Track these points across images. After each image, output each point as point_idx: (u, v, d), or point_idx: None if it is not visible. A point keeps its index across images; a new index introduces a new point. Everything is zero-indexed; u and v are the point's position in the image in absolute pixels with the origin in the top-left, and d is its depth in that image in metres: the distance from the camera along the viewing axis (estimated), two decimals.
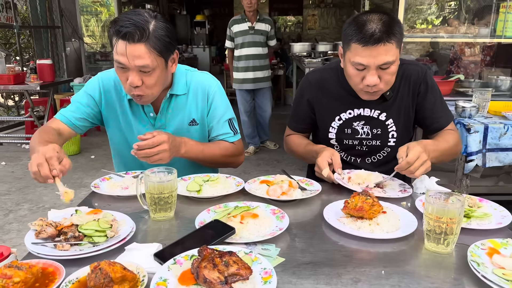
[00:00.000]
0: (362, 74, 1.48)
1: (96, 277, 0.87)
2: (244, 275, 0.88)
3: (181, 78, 1.64)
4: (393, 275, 0.98)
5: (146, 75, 1.41)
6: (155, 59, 1.40)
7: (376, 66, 1.44)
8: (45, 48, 7.19)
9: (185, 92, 1.64)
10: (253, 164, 4.88)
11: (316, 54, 6.07)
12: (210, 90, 1.67)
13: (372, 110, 1.67)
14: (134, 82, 1.40)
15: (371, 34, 1.39)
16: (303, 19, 12.49)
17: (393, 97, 1.65)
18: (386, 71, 1.46)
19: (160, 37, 1.39)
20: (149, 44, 1.36)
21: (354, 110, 1.68)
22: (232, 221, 1.17)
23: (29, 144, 5.55)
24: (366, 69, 1.46)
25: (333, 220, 1.22)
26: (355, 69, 1.48)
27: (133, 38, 1.34)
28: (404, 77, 1.65)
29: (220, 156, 1.66)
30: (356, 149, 1.73)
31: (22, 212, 3.61)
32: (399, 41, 1.45)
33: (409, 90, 1.66)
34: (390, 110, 1.66)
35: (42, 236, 1.09)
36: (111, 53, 8.39)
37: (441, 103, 1.69)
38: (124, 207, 1.36)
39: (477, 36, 3.62)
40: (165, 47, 1.41)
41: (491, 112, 2.70)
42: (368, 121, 1.68)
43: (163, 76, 1.48)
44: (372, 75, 1.45)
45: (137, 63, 1.37)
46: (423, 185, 1.49)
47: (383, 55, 1.41)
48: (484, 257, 1.00)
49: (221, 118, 1.69)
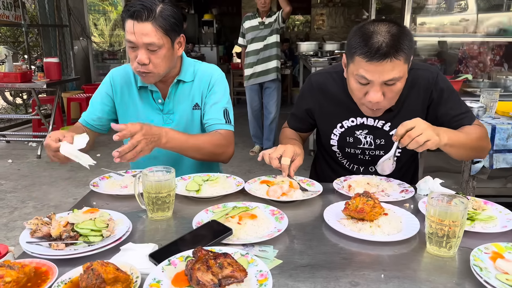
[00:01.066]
0: (365, 89, 1.37)
1: (88, 278, 0.86)
2: (238, 278, 0.86)
3: (189, 67, 1.74)
4: (393, 279, 0.95)
5: (153, 53, 1.51)
6: (161, 37, 1.49)
7: (381, 82, 1.33)
8: (53, 46, 7.24)
9: (191, 80, 1.73)
10: (258, 164, 4.86)
11: (323, 53, 6.04)
12: (213, 77, 1.74)
13: (375, 120, 1.57)
14: (141, 60, 1.50)
15: (377, 49, 1.27)
16: (311, 18, 12.45)
17: (399, 107, 1.54)
18: (391, 87, 1.35)
19: (166, 17, 1.49)
20: (156, 23, 1.47)
21: (357, 118, 1.59)
22: (230, 222, 1.15)
23: (36, 142, 5.58)
24: (370, 84, 1.35)
25: (333, 221, 1.20)
26: (358, 83, 1.37)
27: (140, 17, 1.45)
28: (413, 84, 1.52)
29: (206, 144, 1.60)
30: (359, 158, 1.66)
31: (27, 210, 3.62)
32: (408, 56, 1.32)
33: (418, 97, 1.53)
34: (394, 120, 1.55)
35: (37, 235, 1.08)
36: (119, 51, 8.45)
37: (459, 104, 1.55)
38: (122, 206, 1.34)
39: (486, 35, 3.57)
40: (170, 26, 1.51)
41: (499, 113, 2.65)
42: (371, 130, 1.59)
43: (169, 56, 1.56)
44: (375, 91, 1.34)
45: (144, 41, 1.47)
46: (427, 187, 1.47)
47: (389, 71, 1.30)
48: (487, 262, 0.98)
49: (216, 103, 1.71)
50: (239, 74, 8.00)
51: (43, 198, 3.89)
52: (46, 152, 1.41)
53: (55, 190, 4.09)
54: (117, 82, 1.75)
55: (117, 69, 1.78)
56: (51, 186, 4.19)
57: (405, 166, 1.75)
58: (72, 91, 7.05)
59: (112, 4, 8.57)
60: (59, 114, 5.94)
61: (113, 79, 1.75)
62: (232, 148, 1.72)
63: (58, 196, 3.93)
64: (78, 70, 7.60)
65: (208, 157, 1.65)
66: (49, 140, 1.36)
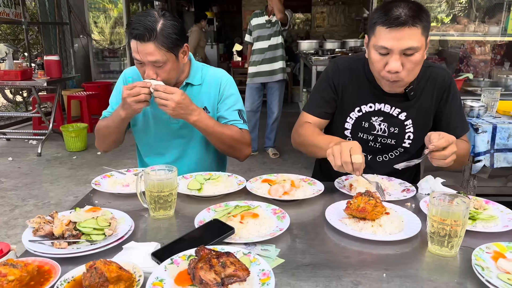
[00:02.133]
0: (385, 59, 1.42)
1: (91, 277, 0.86)
2: (241, 277, 0.86)
3: (198, 71, 1.79)
4: (395, 279, 0.96)
5: (160, 68, 1.57)
6: (165, 54, 1.54)
7: (400, 50, 1.38)
8: (53, 44, 7.23)
9: (200, 83, 1.77)
10: (258, 162, 4.87)
11: (324, 52, 6.03)
12: (223, 81, 1.79)
13: (392, 107, 1.61)
14: (149, 75, 1.57)
15: (397, 17, 1.36)
16: (312, 16, 12.42)
17: (416, 98, 1.60)
18: (410, 58, 1.40)
19: (167, 35, 1.53)
20: (158, 42, 1.51)
21: (375, 104, 1.63)
22: (232, 221, 1.16)
23: (36, 140, 5.57)
24: (389, 54, 1.40)
25: (335, 221, 1.20)
26: (378, 53, 1.43)
27: (143, 38, 1.50)
28: (430, 79, 1.60)
29: (229, 137, 1.70)
30: (370, 145, 1.68)
31: (28, 208, 3.62)
32: (426, 28, 1.40)
33: (433, 94, 1.61)
34: (410, 110, 1.61)
35: (40, 234, 1.08)
36: (119, 49, 8.44)
37: (460, 113, 1.65)
38: (124, 205, 1.35)
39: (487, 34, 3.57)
40: (172, 43, 1.55)
41: (500, 112, 2.66)
42: (386, 118, 1.63)
43: (175, 68, 1.62)
44: (395, 60, 1.39)
45: (149, 59, 1.53)
46: (428, 186, 1.47)
47: (407, 39, 1.36)
48: (489, 261, 0.98)
49: (231, 106, 1.79)
50: (239, 73, 8.00)
51: (43, 196, 3.89)
52: (137, 98, 1.50)
53: (55, 188, 4.09)
54: (129, 80, 1.80)
55: (129, 70, 1.84)
56: (52, 184, 4.19)
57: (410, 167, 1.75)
58: (72, 89, 7.04)
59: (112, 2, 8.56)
60: (60, 112, 5.94)
61: (125, 79, 1.81)
62: (250, 149, 1.82)
63: (58, 194, 3.93)
64: (79, 68, 7.59)
65: (227, 148, 1.75)
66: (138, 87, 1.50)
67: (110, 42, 8.72)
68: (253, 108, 5.07)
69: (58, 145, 5.49)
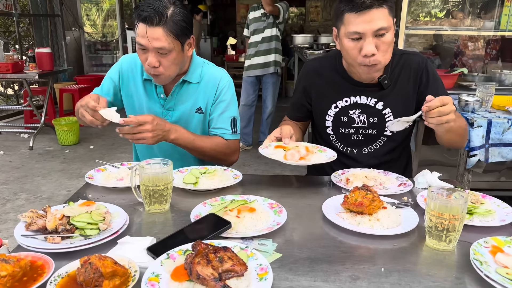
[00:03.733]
0: (359, 45, 1.45)
1: (85, 272, 0.85)
2: (239, 272, 0.85)
3: (197, 68, 1.74)
4: (393, 273, 0.95)
5: (163, 56, 1.52)
6: (172, 41, 1.50)
7: (372, 32, 1.41)
8: (44, 36, 7.14)
9: (197, 81, 1.73)
10: (253, 157, 4.85)
11: (318, 46, 6.01)
12: (221, 83, 1.74)
13: (368, 98, 1.64)
14: (152, 63, 1.51)
15: (363, 1, 1.40)
16: (306, 10, 12.37)
17: (391, 86, 1.62)
18: (382, 39, 1.43)
19: (177, 22, 1.50)
20: (167, 27, 1.48)
21: (350, 98, 1.66)
22: (228, 215, 1.14)
23: (28, 133, 5.51)
24: (362, 39, 1.44)
25: (332, 215, 1.19)
26: (351, 40, 1.46)
27: (152, 21, 1.46)
28: (404, 66, 1.63)
29: (210, 150, 1.69)
30: (352, 138, 1.70)
31: (20, 202, 3.58)
32: (391, 9, 1.44)
33: (409, 79, 1.63)
34: (387, 99, 1.63)
35: (33, 228, 1.06)
36: (112, 42, 8.36)
37: (444, 92, 1.63)
38: (118, 199, 1.33)
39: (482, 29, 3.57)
40: (181, 31, 1.52)
41: (494, 107, 2.66)
42: (364, 109, 1.65)
43: (179, 58, 1.57)
44: (369, 43, 1.42)
45: (155, 45, 1.48)
46: (425, 180, 1.46)
47: (377, 20, 1.40)
48: (487, 256, 0.97)
49: (224, 112, 1.74)
50: (233, 66, 7.96)
51: (35, 190, 3.85)
52: (81, 114, 1.46)
53: (48, 182, 4.05)
54: (125, 70, 1.77)
55: (127, 57, 1.80)
56: (44, 178, 4.15)
57: (398, 156, 1.76)
58: (64, 82, 6.96)
59: None
60: (52, 105, 5.87)
61: (121, 66, 1.77)
62: (236, 156, 1.80)
63: (51, 188, 3.89)
64: (71, 61, 7.51)
65: (210, 159, 1.76)
66: (90, 99, 1.43)
67: (102, 35, 8.64)
68: (248, 102, 5.03)
69: (50, 138, 5.44)
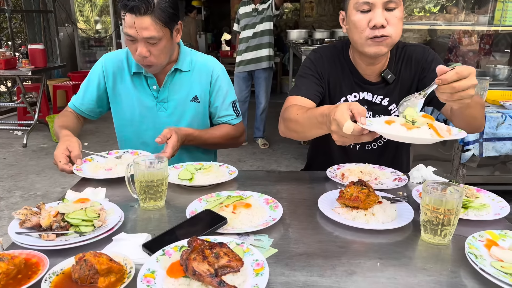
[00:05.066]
0: (368, 17, 1.40)
1: (81, 269, 0.84)
2: (235, 267, 0.85)
3: (187, 56, 1.73)
4: (389, 267, 0.95)
5: (153, 45, 1.51)
6: (161, 29, 1.49)
7: (382, 3, 1.37)
8: (37, 33, 7.07)
9: (189, 69, 1.72)
10: (248, 153, 4.85)
11: (313, 41, 6.00)
12: (214, 72, 1.74)
13: (374, 95, 1.60)
14: (142, 53, 1.50)
15: None
16: (300, 6, 12.34)
17: (395, 80, 1.58)
18: (392, 13, 1.39)
19: (164, 9, 1.47)
20: (155, 16, 1.45)
21: (359, 93, 1.61)
22: (224, 211, 1.14)
23: (22, 130, 5.48)
24: (372, 11, 1.39)
25: (327, 210, 1.19)
26: (360, 12, 1.41)
27: (139, 11, 1.43)
28: (406, 57, 1.59)
29: (222, 139, 1.75)
30: None
31: (14, 200, 3.56)
32: None
33: (411, 71, 1.59)
34: (393, 95, 1.60)
35: (27, 226, 1.05)
36: (105, 38, 8.30)
37: None
38: (113, 196, 1.32)
39: (476, 24, 3.58)
40: (169, 17, 1.50)
41: (488, 101, 2.68)
42: (370, 106, 1.61)
43: (168, 46, 1.56)
44: (378, 14, 1.37)
45: (144, 35, 1.46)
46: (420, 175, 1.47)
47: None
48: (482, 249, 0.98)
49: (225, 99, 1.77)
50: (228, 62, 7.93)
51: (30, 187, 3.83)
52: (56, 159, 1.44)
53: (42, 179, 4.02)
54: (109, 68, 1.73)
55: (109, 55, 1.76)
56: (38, 175, 4.13)
57: (395, 151, 1.74)
58: (58, 79, 6.91)
59: None
60: (45, 102, 5.83)
61: (105, 65, 1.73)
62: (244, 136, 1.88)
63: (45, 186, 3.87)
64: (64, 57, 7.45)
65: (221, 147, 1.86)
66: (64, 166, 1.42)
67: (96, 31, 8.57)
68: (241, 98, 5.01)
69: (44, 135, 5.40)
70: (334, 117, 1.11)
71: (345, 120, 1.08)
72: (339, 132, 1.11)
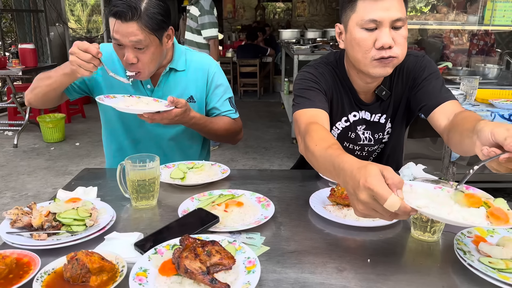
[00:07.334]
0: (374, 36, 1.27)
1: (72, 268, 0.84)
2: (227, 265, 0.86)
3: (181, 55, 1.70)
4: (379, 264, 0.96)
5: (141, 52, 1.46)
6: (148, 36, 1.44)
7: (390, 21, 1.24)
8: (27, 32, 7.01)
9: (184, 69, 1.69)
10: (240, 152, 4.85)
11: (305, 40, 6.03)
12: (210, 70, 1.73)
13: (372, 115, 1.53)
14: (129, 59, 1.46)
15: None
16: (292, 5, 12.36)
17: (390, 96, 1.50)
18: (399, 32, 1.27)
19: (152, 15, 1.43)
20: (141, 22, 1.41)
21: (359, 112, 1.53)
22: (216, 210, 1.15)
23: (12, 131, 5.42)
24: (378, 29, 1.26)
25: (319, 208, 1.20)
26: (365, 30, 1.27)
27: (125, 17, 1.39)
28: (398, 69, 1.48)
29: (223, 130, 1.73)
30: (356, 154, 1.60)
31: (5, 200, 3.53)
32: (406, 1, 1.30)
33: (403, 81, 1.49)
34: (388, 111, 1.53)
35: (18, 225, 1.05)
36: (96, 38, 8.26)
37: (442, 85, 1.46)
38: (105, 195, 1.32)
39: (466, 23, 3.62)
40: (157, 25, 1.45)
41: (478, 100, 2.70)
42: (368, 125, 1.55)
43: (158, 53, 1.52)
44: (385, 34, 1.25)
45: (131, 39, 1.42)
46: (410, 172, 1.48)
47: (395, 9, 1.24)
48: (471, 245, 0.99)
49: (222, 97, 1.77)
50: (220, 62, 7.93)
51: (21, 188, 3.80)
52: (76, 62, 1.36)
53: (33, 179, 3.99)
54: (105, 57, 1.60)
55: (105, 47, 1.66)
56: (29, 176, 4.09)
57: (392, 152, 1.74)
58: None
59: None
60: None
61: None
62: (241, 134, 1.87)
63: (36, 186, 3.84)
64: (55, 57, 7.39)
65: (221, 140, 1.83)
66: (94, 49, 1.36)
67: (87, 30, 8.53)
68: None
69: (35, 136, 5.36)
70: (368, 185, 0.83)
71: (388, 193, 0.81)
72: (371, 205, 0.85)
